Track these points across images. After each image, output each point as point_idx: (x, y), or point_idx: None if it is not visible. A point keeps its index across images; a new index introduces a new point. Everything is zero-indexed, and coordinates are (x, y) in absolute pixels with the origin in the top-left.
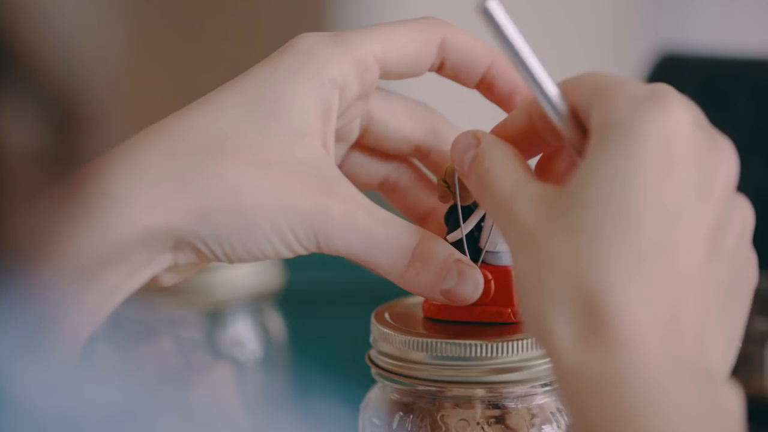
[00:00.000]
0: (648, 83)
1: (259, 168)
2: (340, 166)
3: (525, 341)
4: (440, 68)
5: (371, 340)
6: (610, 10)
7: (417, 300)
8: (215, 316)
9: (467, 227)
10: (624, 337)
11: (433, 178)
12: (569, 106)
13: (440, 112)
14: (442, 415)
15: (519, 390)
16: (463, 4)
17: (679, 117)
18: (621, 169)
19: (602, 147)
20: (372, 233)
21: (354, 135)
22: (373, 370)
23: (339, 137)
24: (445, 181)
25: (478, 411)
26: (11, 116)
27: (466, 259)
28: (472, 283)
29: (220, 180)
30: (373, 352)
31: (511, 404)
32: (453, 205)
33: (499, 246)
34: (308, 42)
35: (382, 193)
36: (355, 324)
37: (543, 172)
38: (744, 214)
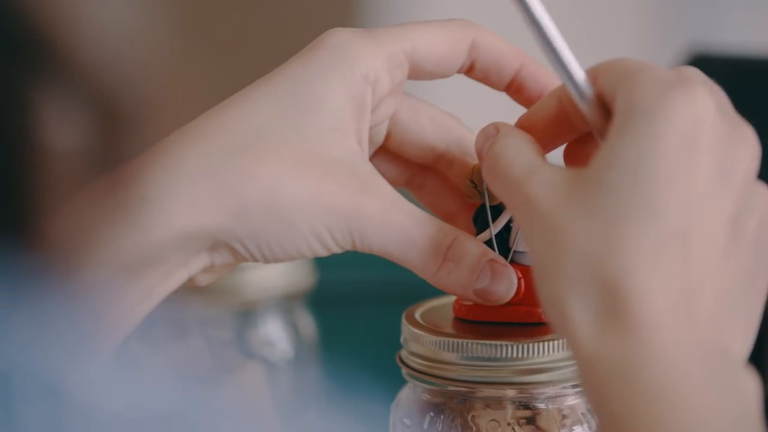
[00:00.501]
0: (674, 68)
1: (295, 168)
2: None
3: (556, 342)
4: (470, 70)
5: (402, 340)
6: (640, 10)
7: (447, 300)
8: (246, 316)
9: (496, 227)
10: (644, 323)
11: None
12: (596, 91)
13: (465, 115)
14: (473, 416)
15: (550, 391)
16: (491, 4)
17: (702, 103)
18: (643, 154)
19: (624, 131)
20: (406, 231)
21: (381, 137)
22: (404, 371)
23: (370, 139)
24: (473, 181)
25: (509, 412)
26: (56, 116)
27: (500, 258)
28: (505, 283)
29: (257, 180)
30: (403, 353)
31: (541, 405)
32: (481, 205)
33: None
34: (339, 37)
35: (410, 190)
36: (386, 324)
37: (571, 159)
38: (765, 201)
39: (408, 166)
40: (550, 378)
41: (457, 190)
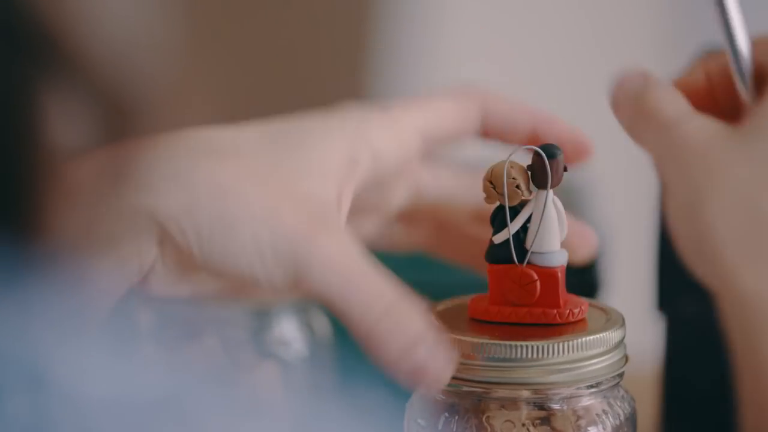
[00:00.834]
0: None
1: (257, 182)
2: (382, 237)
3: (571, 342)
4: (484, 135)
5: None
6: (653, 11)
7: (462, 301)
8: (261, 316)
9: (514, 227)
10: None
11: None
12: (755, 63)
13: None
14: (488, 416)
15: (565, 391)
16: (504, 11)
17: None
18: None
19: None
20: (353, 277)
21: (393, 205)
22: None
23: (376, 207)
24: (491, 182)
25: (524, 412)
26: (61, 113)
27: (440, 337)
28: (442, 360)
29: (214, 180)
30: None
31: (556, 406)
32: (499, 206)
33: (545, 247)
34: (352, 107)
35: (430, 248)
36: None
37: None
38: None
39: (432, 226)
40: (565, 379)
41: (478, 240)
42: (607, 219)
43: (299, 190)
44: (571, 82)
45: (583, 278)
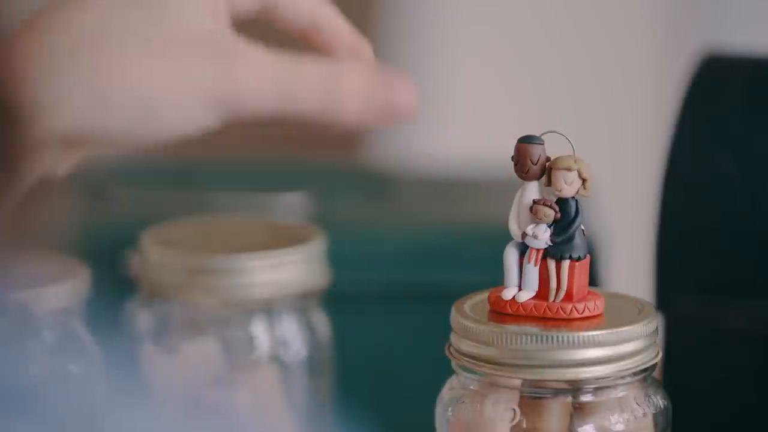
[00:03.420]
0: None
1: (153, 50)
2: None
3: (606, 333)
4: (263, 13)
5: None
6: (653, 11)
7: (482, 297)
8: (261, 316)
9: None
10: None
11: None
12: None
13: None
14: (522, 405)
15: (598, 382)
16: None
17: None
18: None
19: None
20: (285, 70)
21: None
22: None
23: None
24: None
25: (558, 402)
26: None
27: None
28: (404, 88)
29: (116, 71)
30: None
31: (589, 397)
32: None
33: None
34: None
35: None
36: (403, 323)
37: None
38: None
39: None
40: (600, 369)
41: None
42: (607, 218)
43: (187, 32)
44: (571, 82)
45: None
